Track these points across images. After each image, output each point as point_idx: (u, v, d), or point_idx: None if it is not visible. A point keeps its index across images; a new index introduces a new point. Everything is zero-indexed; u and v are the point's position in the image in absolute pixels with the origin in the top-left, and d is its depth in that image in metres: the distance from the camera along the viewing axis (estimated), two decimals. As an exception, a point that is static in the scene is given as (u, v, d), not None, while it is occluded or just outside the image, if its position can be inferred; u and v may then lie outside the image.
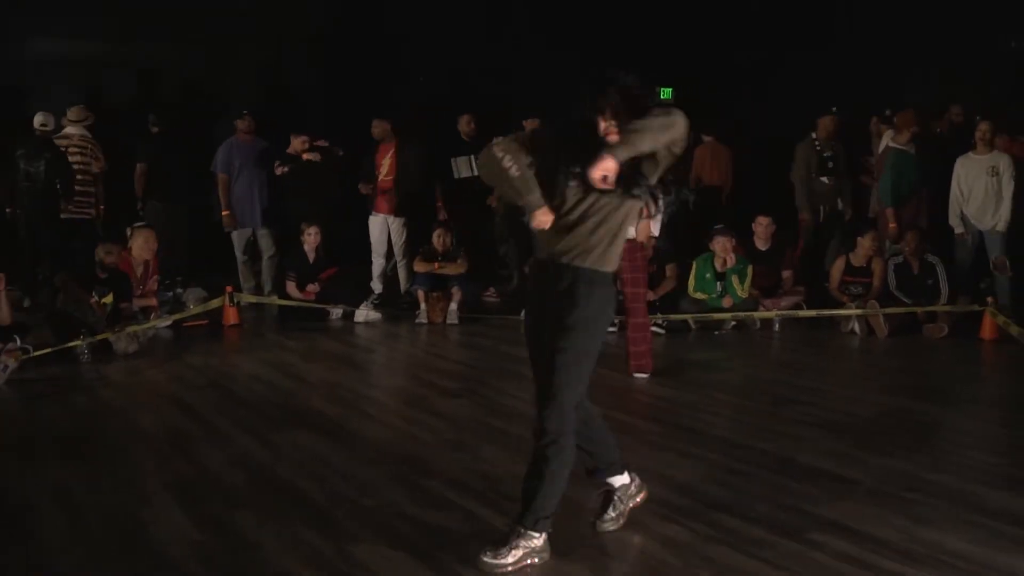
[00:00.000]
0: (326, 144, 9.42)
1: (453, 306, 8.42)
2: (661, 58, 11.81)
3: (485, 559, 3.31)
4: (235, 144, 9.47)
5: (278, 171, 9.21)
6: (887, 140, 9.16)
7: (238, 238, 9.53)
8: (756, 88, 11.92)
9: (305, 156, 9.21)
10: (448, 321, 8.35)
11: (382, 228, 9.38)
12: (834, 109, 9.45)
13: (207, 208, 9.93)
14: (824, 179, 9.29)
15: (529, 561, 3.34)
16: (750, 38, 12.07)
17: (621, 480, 3.74)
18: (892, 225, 8.70)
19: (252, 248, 9.65)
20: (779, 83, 11.69)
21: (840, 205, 9.44)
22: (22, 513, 4.00)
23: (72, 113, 9.32)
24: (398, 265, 9.48)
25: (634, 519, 3.84)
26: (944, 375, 6.84)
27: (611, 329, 6.61)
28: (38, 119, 8.87)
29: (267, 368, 6.78)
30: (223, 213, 9.44)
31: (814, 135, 9.35)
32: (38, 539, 3.72)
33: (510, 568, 3.31)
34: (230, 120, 9.66)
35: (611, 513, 3.71)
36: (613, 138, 3.23)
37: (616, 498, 3.73)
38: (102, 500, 4.14)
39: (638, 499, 3.80)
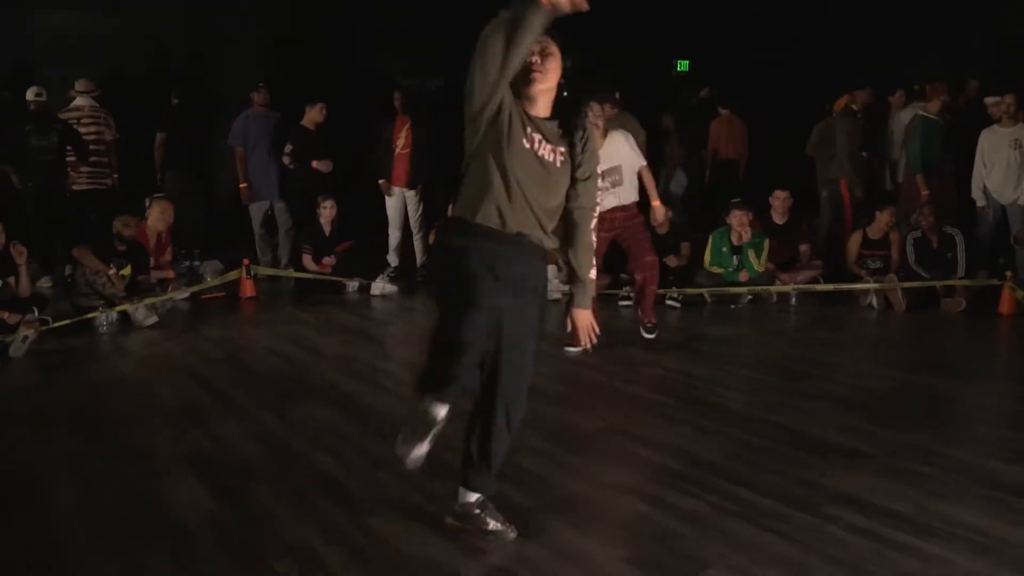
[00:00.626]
0: (329, 165, 9.32)
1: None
2: (678, 30, 11.76)
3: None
4: (251, 117, 9.47)
5: (285, 160, 9.17)
6: (915, 111, 9.06)
7: (255, 211, 9.55)
8: (771, 63, 11.82)
9: (314, 165, 9.13)
10: (464, 294, 8.35)
11: (398, 201, 9.37)
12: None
13: (225, 181, 9.95)
14: (864, 153, 9.24)
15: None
16: (764, 12, 11.97)
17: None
18: (924, 192, 8.59)
19: (269, 221, 9.67)
20: (793, 59, 11.61)
21: None
22: (37, 484, 4.05)
23: (80, 84, 9.33)
24: (414, 238, 9.48)
25: (648, 491, 3.85)
26: (961, 350, 6.79)
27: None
28: (32, 92, 8.87)
29: (283, 341, 6.81)
30: (240, 186, 9.45)
31: (854, 107, 9.25)
32: (53, 510, 3.77)
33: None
34: (244, 93, 9.64)
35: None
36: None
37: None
38: (117, 471, 4.19)
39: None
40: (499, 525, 3.43)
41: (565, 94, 3.25)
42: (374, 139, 9.46)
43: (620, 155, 6.27)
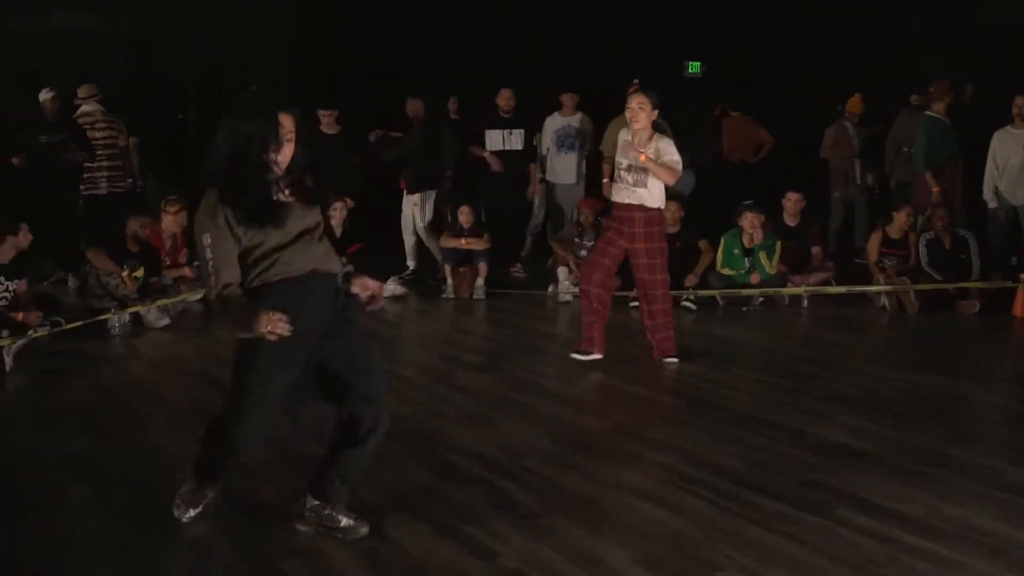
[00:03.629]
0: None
1: (480, 281, 8.42)
2: (691, 33, 11.78)
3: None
4: None
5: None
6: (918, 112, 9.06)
7: None
8: (780, 63, 11.83)
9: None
10: (474, 296, 8.36)
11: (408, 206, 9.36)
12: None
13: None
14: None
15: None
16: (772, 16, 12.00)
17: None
18: (936, 188, 8.53)
19: None
20: (801, 60, 11.63)
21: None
22: (50, 484, 4.08)
23: (83, 91, 9.29)
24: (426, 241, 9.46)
25: (659, 493, 3.85)
26: (973, 351, 6.73)
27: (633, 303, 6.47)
28: (44, 93, 8.94)
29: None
30: None
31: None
32: (66, 510, 3.80)
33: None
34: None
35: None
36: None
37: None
38: (128, 472, 4.21)
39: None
40: (350, 521, 3.48)
41: None
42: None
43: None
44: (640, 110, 5.73)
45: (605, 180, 8.71)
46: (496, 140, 9.36)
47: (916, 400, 5.27)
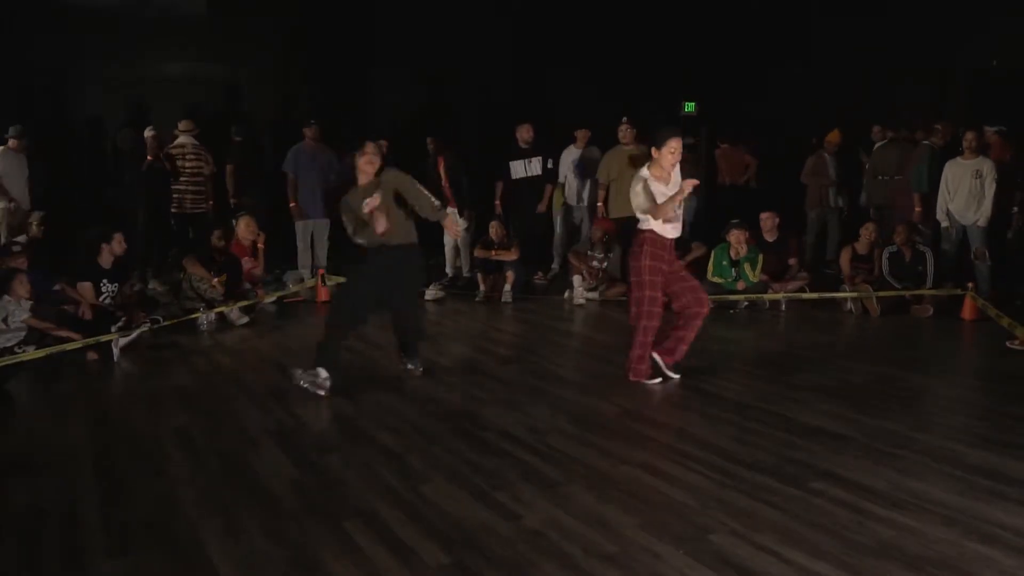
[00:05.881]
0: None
1: (507, 287, 8.41)
2: (686, 76, 11.73)
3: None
4: (301, 149, 9.18)
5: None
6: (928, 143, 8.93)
7: (302, 229, 9.21)
8: (763, 103, 11.75)
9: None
10: (503, 300, 8.35)
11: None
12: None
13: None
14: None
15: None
16: (759, 62, 11.92)
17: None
18: (918, 209, 8.49)
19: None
20: (780, 100, 11.56)
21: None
22: (154, 454, 4.12)
23: (183, 125, 9.34)
24: (460, 253, 9.44)
25: (662, 468, 3.83)
26: (929, 349, 6.66)
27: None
28: (148, 131, 9.03)
29: (352, 337, 6.79)
30: (290, 205, 9.13)
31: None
32: (167, 476, 3.83)
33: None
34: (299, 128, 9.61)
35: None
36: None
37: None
38: (217, 442, 4.25)
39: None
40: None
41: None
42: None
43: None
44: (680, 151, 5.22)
45: (600, 204, 8.71)
46: (519, 169, 9.33)
47: (884, 390, 5.20)
